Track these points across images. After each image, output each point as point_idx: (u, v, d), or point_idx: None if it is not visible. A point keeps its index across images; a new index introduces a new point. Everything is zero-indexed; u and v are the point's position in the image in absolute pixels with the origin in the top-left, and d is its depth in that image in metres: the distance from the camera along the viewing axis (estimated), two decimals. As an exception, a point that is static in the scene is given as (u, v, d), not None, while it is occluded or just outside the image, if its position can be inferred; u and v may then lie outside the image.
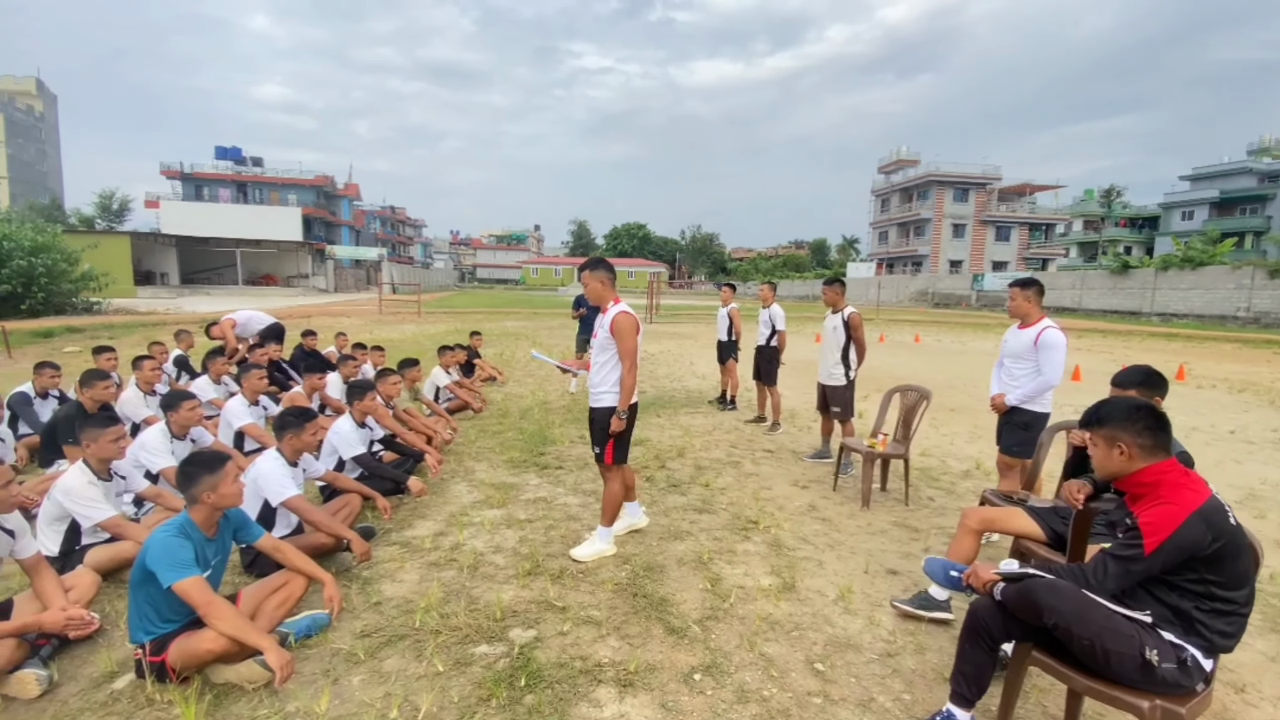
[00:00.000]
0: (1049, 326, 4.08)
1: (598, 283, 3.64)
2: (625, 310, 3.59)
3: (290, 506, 3.27)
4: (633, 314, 3.58)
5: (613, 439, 3.59)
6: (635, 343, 3.51)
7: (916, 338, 20.29)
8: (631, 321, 3.53)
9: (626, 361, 3.50)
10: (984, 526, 3.11)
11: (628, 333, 3.49)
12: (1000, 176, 56.24)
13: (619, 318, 3.53)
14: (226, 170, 56.66)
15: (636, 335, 3.52)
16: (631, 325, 3.52)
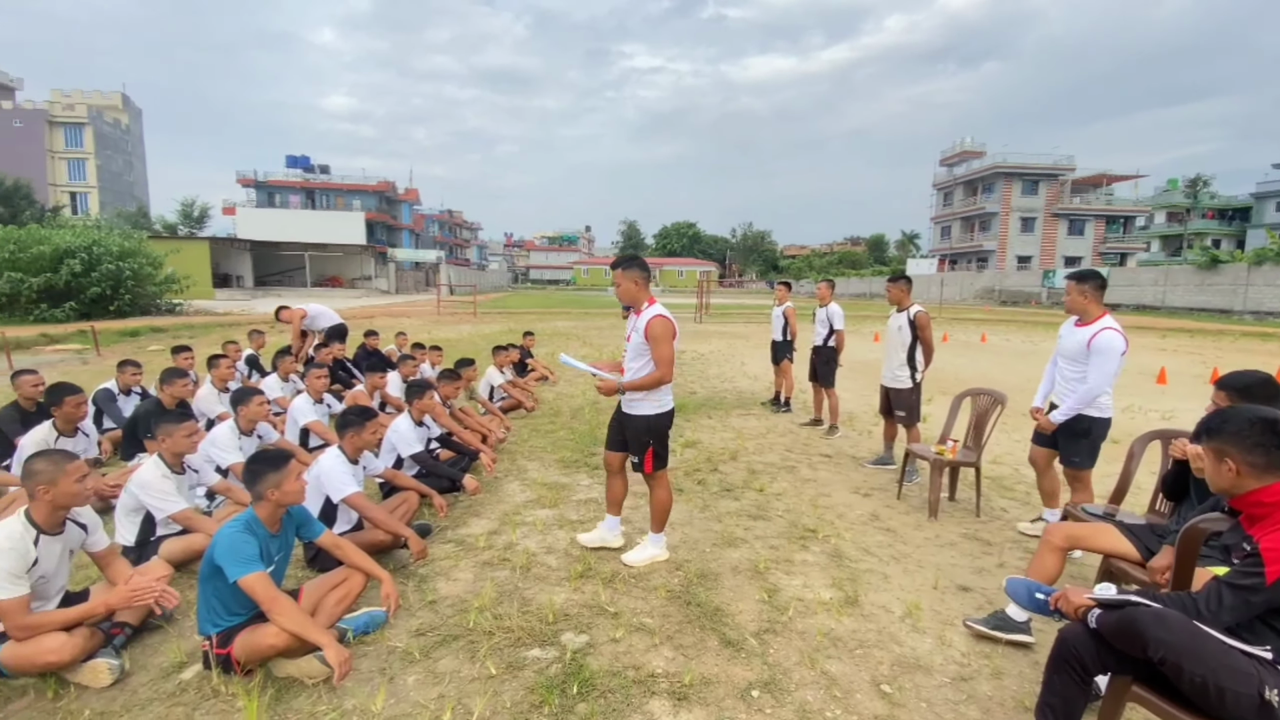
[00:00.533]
0: (1107, 327, 3.73)
1: (630, 282, 3.42)
2: (661, 314, 3.34)
3: (350, 503, 3.33)
4: (669, 318, 3.35)
5: (651, 447, 3.44)
6: (672, 350, 3.30)
7: (983, 337, 19.37)
8: (668, 326, 3.31)
9: (662, 368, 3.30)
10: (1070, 544, 2.87)
11: (663, 339, 3.28)
12: (1073, 167, 53.19)
13: (654, 322, 3.31)
14: (296, 178, 59.57)
15: (673, 341, 3.32)
16: (668, 330, 3.30)
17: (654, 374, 3.31)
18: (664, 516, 3.61)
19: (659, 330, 3.29)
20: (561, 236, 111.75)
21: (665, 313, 3.36)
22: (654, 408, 3.43)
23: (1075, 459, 3.88)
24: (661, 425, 3.47)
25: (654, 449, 3.45)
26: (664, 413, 3.47)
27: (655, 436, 3.45)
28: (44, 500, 2.49)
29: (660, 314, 3.34)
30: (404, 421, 4.37)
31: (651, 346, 3.32)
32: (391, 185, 61.47)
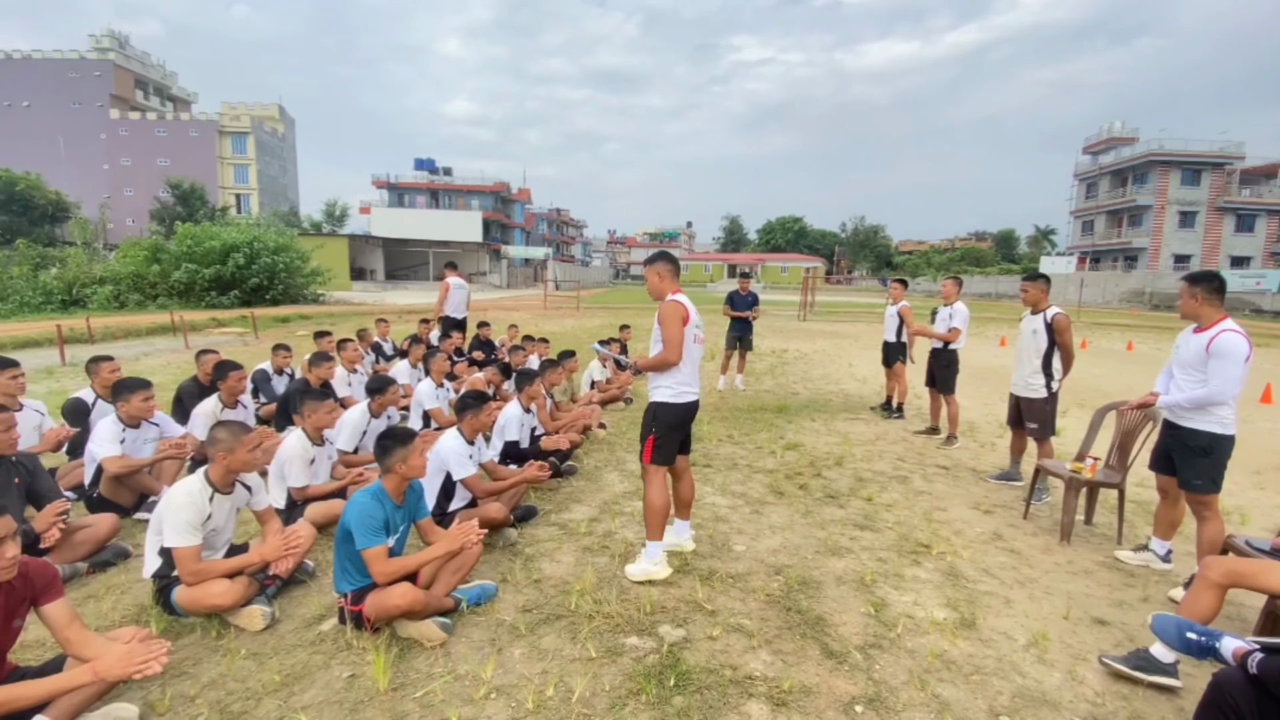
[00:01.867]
0: (1228, 329, 3.30)
1: (655, 276, 3.47)
2: (673, 299, 3.36)
3: (467, 485, 3.57)
4: (681, 303, 3.34)
5: (653, 436, 3.34)
6: (679, 333, 3.25)
7: (1129, 345, 17.32)
8: (676, 310, 3.30)
9: (667, 350, 3.28)
10: (1231, 581, 2.50)
11: (669, 320, 3.28)
12: (1243, 155, 46.00)
13: (664, 306, 3.34)
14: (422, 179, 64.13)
15: (681, 325, 3.27)
16: (675, 313, 3.29)
17: (660, 354, 3.32)
18: (653, 522, 3.35)
19: (666, 313, 3.31)
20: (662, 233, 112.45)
21: (680, 299, 3.37)
22: (666, 394, 3.36)
23: (1196, 481, 3.39)
24: (668, 416, 3.35)
25: (654, 439, 3.35)
26: (675, 404, 3.36)
27: (659, 427, 3.35)
28: (221, 464, 2.87)
29: (672, 300, 3.36)
30: (514, 408, 4.61)
31: (660, 329, 3.33)
32: (506, 186, 64.63)
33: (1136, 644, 2.87)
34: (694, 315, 3.38)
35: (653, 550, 3.37)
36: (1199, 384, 3.35)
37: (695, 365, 3.43)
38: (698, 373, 3.47)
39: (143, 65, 69.96)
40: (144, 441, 4.07)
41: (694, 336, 3.39)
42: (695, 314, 3.40)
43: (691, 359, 3.38)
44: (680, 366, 3.32)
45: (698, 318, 3.43)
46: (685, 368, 3.34)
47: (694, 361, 3.41)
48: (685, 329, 3.29)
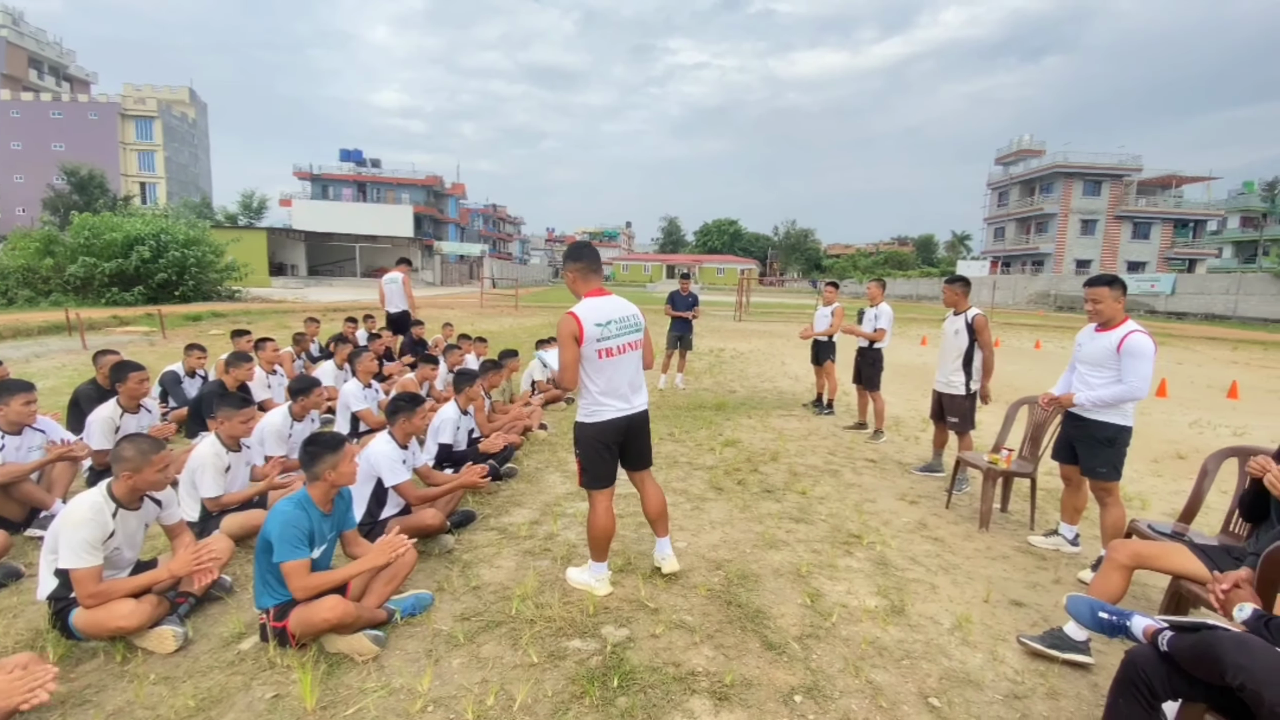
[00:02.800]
0: (1135, 330, 3.53)
1: (569, 277, 3.13)
2: (570, 312, 2.96)
3: (400, 492, 3.42)
4: (575, 314, 2.93)
5: (577, 457, 3.14)
6: (568, 352, 2.91)
7: (1037, 344, 18.64)
8: (567, 325, 2.91)
9: (559, 371, 2.99)
10: (1136, 563, 2.72)
11: (560, 338, 2.92)
12: (1140, 168, 50.54)
13: (560, 320, 2.97)
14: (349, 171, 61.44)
15: (573, 343, 2.89)
16: (565, 329, 2.90)
17: (556, 376, 3.13)
18: (594, 545, 3.14)
19: (559, 329, 2.97)
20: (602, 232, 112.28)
21: (581, 307, 2.96)
22: (581, 413, 3.10)
23: (1101, 469, 3.63)
24: (585, 437, 3.07)
25: (579, 461, 3.12)
26: (590, 424, 3.05)
27: (580, 447, 3.10)
28: (126, 483, 2.63)
29: (569, 312, 2.96)
30: (450, 410, 4.47)
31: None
32: (439, 180, 62.81)
33: (1051, 624, 3.07)
34: (598, 321, 2.94)
35: (595, 568, 3.20)
36: (1111, 381, 3.59)
37: (613, 379, 3.01)
38: (625, 385, 3.05)
39: (37, 43, 63.71)
40: (27, 450, 3.70)
41: (600, 350, 2.95)
42: (606, 316, 2.98)
43: (601, 374, 2.98)
44: (587, 385, 3.01)
45: (614, 318, 3.00)
46: (594, 385, 3.00)
47: (608, 376, 3.00)
48: (581, 347, 2.93)
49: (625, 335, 3.05)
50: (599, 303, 3.03)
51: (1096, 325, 3.75)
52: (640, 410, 3.16)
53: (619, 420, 3.07)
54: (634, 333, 3.09)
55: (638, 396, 3.15)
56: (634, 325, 3.10)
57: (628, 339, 3.06)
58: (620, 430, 3.10)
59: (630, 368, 3.09)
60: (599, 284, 3.12)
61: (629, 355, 3.07)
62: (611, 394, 3.04)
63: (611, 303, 3.07)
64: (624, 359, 3.05)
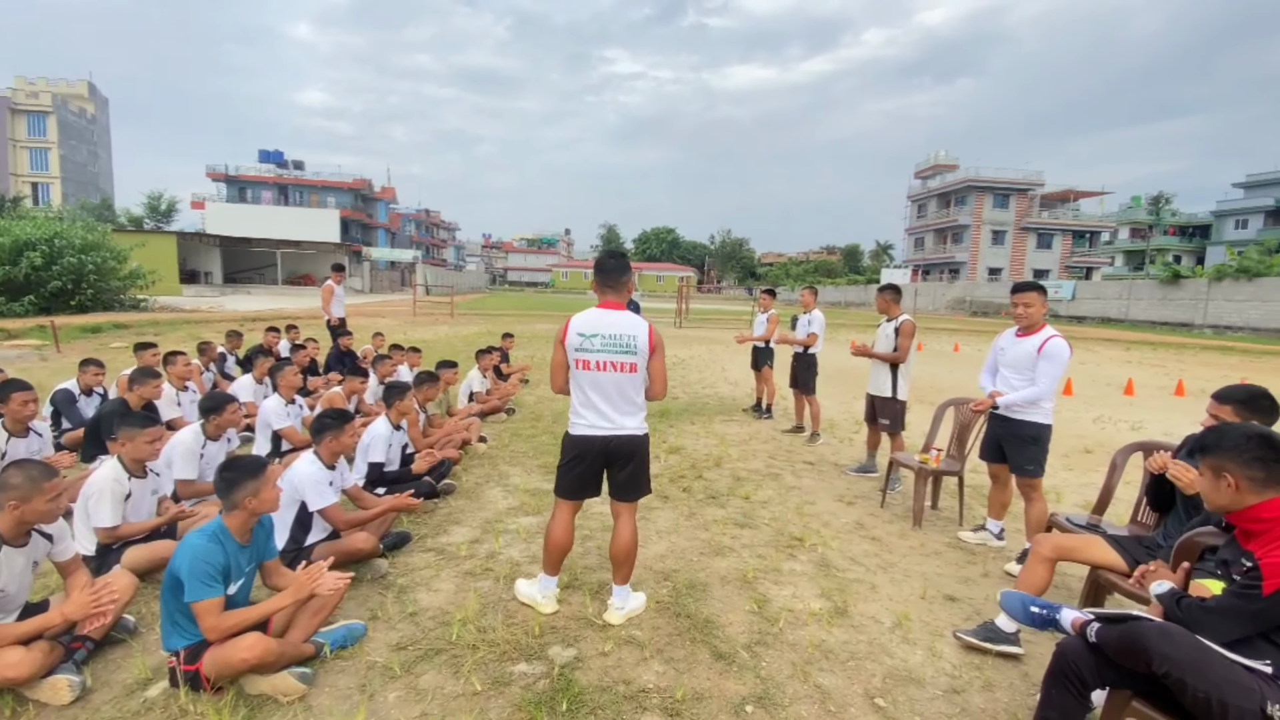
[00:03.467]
0: (1054, 335, 3.76)
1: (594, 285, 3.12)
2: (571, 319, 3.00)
3: (326, 516, 3.21)
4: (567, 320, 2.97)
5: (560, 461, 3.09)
6: (555, 353, 2.99)
7: (956, 347, 19.73)
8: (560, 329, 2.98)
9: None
10: (1059, 555, 2.88)
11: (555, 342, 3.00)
12: (1043, 182, 54.65)
13: None
14: (269, 173, 58.30)
15: (558, 347, 2.96)
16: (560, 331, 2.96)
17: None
18: (546, 555, 3.08)
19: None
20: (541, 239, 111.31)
21: (574, 315, 2.98)
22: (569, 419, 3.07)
23: (1028, 467, 3.83)
24: (563, 443, 3.05)
25: (559, 465, 3.09)
26: (567, 432, 3.02)
27: (561, 453, 3.08)
28: (12, 514, 2.33)
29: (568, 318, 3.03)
30: (381, 426, 4.24)
31: None
32: (367, 183, 60.54)
33: (983, 617, 3.21)
34: (581, 330, 2.88)
35: (544, 582, 3.11)
36: (1029, 383, 3.81)
37: (589, 394, 2.90)
38: (602, 403, 2.89)
39: (-87, 32, 57.31)
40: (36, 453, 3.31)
41: (578, 360, 2.89)
42: (593, 328, 2.88)
43: (578, 386, 2.93)
44: (573, 392, 2.98)
45: (600, 332, 2.87)
46: (573, 395, 2.97)
47: (584, 389, 2.91)
48: (564, 352, 2.93)
49: (608, 353, 2.88)
50: (597, 314, 2.94)
51: (1019, 330, 3.96)
52: (624, 435, 2.93)
53: (594, 437, 2.93)
54: (621, 353, 2.88)
55: (626, 419, 2.93)
56: (623, 346, 2.88)
57: (611, 357, 2.88)
58: (596, 449, 2.95)
59: (610, 387, 2.89)
60: (614, 299, 2.98)
61: (610, 375, 2.88)
62: (587, 407, 2.93)
63: (609, 317, 2.92)
64: (603, 377, 2.88)
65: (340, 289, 9.93)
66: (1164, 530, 2.84)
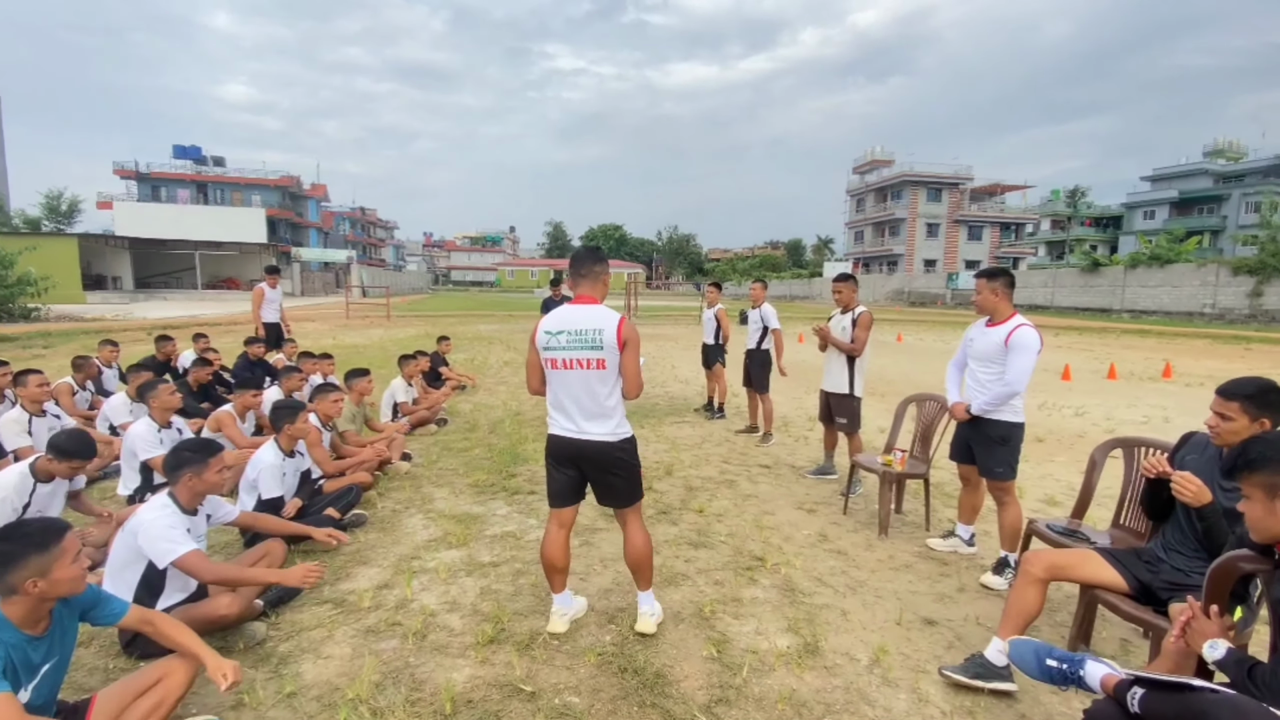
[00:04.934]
0: (1021, 325, 3.46)
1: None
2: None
3: (183, 567, 2.55)
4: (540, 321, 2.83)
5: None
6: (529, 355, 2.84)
7: (899, 337, 20.00)
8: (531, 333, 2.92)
9: None
10: (1052, 575, 2.53)
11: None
12: (972, 177, 56.81)
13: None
14: (185, 170, 54.46)
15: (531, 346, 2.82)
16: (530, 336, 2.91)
17: None
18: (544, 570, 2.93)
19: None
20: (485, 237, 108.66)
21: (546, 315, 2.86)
22: None
23: (998, 469, 3.52)
24: (546, 447, 2.90)
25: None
26: (548, 435, 2.87)
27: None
28: None
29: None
30: (268, 454, 3.56)
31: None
32: (296, 180, 57.34)
33: (965, 644, 2.86)
34: (548, 328, 2.73)
35: (556, 602, 2.93)
36: (998, 377, 3.50)
37: (557, 394, 2.75)
38: (569, 403, 2.72)
39: None
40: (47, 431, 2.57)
41: (547, 359, 2.73)
42: (560, 325, 2.71)
43: (549, 386, 2.78)
44: (547, 392, 2.81)
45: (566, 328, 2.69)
46: (549, 394, 2.80)
47: (554, 389, 2.76)
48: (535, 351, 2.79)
49: (574, 350, 2.68)
50: (566, 311, 2.77)
51: (987, 320, 3.66)
52: (594, 440, 2.71)
53: (565, 440, 2.78)
54: (587, 349, 2.66)
55: (591, 424, 2.71)
56: (589, 342, 2.66)
57: (577, 354, 2.67)
58: (569, 453, 2.79)
59: (577, 387, 2.70)
60: (587, 292, 2.82)
61: (577, 373, 2.69)
62: (556, 408, 2.80)
63: (577, 313, 2.73)
64: (570, 375, 2.70)
65: (274, 292, 9.20)
66: (1162, 540, 2.53)
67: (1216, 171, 53.81)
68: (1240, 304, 28.39)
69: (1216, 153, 56.72)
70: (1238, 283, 28.51)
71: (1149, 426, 7.65)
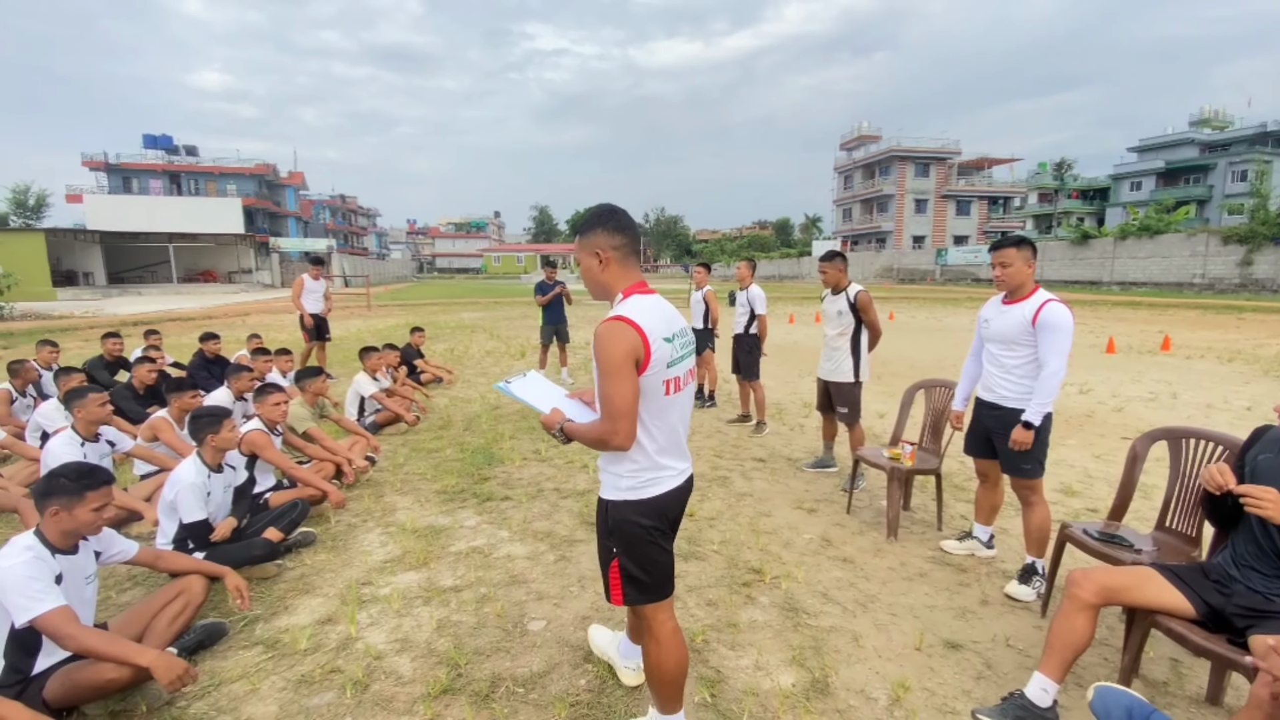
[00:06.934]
0: (1049, 300, 3.00)
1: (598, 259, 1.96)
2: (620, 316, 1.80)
3: (44, 629, 2.03)
4: (631, 323, 1.77)
5: (616, 559, 1.96)
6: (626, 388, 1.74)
7: (891, 315, 19.65)
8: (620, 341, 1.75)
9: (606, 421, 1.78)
10: (1105, 599, 2.14)
11: (607, 363, 1.75)
12: (959, 151, 56.34)
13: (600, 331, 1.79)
14: (157, 160, 52.90)
15: (631, 368, 1.75)
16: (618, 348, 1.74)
17: (596, 426, 1.83)
18: (665, 688, 1.99)
19: (600, 348, 1.77)
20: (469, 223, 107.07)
21: (630, 313, 1.79)
22: (614, 489, 1.91)
23: (1026, 465, 3.07)
24: (635, 525, 1.88)
25: (620, 564, 1.92)
26: (643, 501, 1.88)
27: (622, 543, 1.91)
28: None
29: (617, 316, 1.80)
30: (189, 469, 3.09)
31: (597, 377, 1.83)
32: (273, 168, 55.89)
33: (996, 671, 2.48)
34: (665, 334, 1.83)
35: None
36: (1027, 360, 3.09)
37: (675, 425, 1.94)
38: (683, 432, 2.00)
39: None
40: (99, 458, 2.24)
41: (667, 381, 1.86)
42: (670, 326, 1.88)
43: (663, 420, 1.89)
44: (641, 441, 1.85)
45: (678, 329, 1.91)
46: (652, 440, 1.87)
47: (670, 421, 1.92)
48: (644, 375, 1.78)
49: (690, 356, 1.99)
50: (652, 305, 1.88)
51: (1004, 297, 3.24)
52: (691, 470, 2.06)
53: (683, 490, 1.99)
54: (691, 357, 2.02)
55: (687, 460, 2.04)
56: (692, 340, 2.04)
57: (691, 362, 2.00)
58: (681, 504, 2.00)
59: (688, 406, 2.02)
60: (640, 276, 1.97)
61: (687, 392, 1.98)
62: (673, 450, 1.95)
63: (664, 306, 1.93)
64: (683, 397, 1.96)
65: (316, 283, 8.96)
66: (1233, 554, 2.14)
67: (1202, 141, 53.63)
68: (1230, 273, 28.28)
69: (1202, 122, 56.52)
70: (1227, 252, 28.37)
71: (1157, 403, 7.34)
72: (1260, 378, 9.05)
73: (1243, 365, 10.14)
